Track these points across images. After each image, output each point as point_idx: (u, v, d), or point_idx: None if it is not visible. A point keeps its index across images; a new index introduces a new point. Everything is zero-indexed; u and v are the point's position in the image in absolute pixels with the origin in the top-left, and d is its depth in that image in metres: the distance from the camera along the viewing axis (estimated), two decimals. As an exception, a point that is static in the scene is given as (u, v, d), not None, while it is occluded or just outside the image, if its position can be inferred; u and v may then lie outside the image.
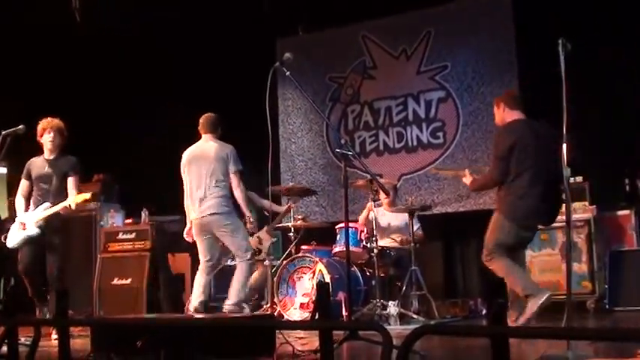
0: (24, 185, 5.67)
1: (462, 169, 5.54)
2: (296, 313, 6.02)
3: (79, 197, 5.48)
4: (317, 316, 3.37)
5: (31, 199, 5.62)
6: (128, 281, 6.85)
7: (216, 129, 5.85)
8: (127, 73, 8.07)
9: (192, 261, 7.52)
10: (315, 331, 3.93)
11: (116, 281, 6.89)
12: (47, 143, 5.60)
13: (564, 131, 3.63)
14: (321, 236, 6.73)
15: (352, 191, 6.73)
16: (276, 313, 5.99)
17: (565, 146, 3.64)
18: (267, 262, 6.75)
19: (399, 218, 6.67)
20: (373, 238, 6.06)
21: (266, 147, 5.30)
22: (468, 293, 7.02)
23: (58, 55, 7.82)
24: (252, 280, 6.40)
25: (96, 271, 7.02)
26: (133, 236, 7.01)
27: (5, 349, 3.54)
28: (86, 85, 8.12)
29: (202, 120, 5.86)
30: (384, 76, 8.11)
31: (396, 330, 4.96)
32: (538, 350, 3.66)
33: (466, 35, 7.62)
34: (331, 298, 4.63)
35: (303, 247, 6.51)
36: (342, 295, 5.70)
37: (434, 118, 7.82)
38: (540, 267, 6.36)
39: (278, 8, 7.65)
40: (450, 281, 7.60)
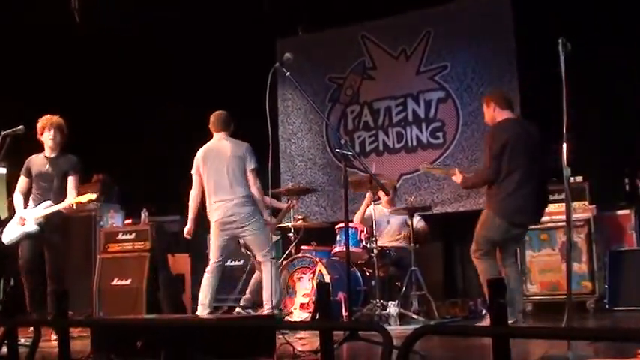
0: (23, 182, 5.61)
1: (451, 168, 5.53)
2: (296, 314, 6.01)
3: (84, 197, 5.42)
4: (317, 317, 3.37)
5: (31, 196, 5.56)
6: (128, 282, 6.84)
7: (228, 126, 5.69)
8: (127, 73, 8.07)
9: (192, 261, 7.52)
10: (316, 331, 3.94)
11: (116, 282, 6.89)
12: (48, 141, 5.54)
13: (564, 131, 3.63)
14: (321, 236, 6.73)
15: (352, 191, 6.73)
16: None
17: (565, 146, 3.64)
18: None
19: (399, 217, 6.67)
20: (373, 238, 6.07)
21: (266, 147, 5.30)
22: (468, 293, 7.01)
23: (57, 55, 7.81)
24: (255, 280, 6.40)
25: (96, 271, 7.01)
26: (133, 237, 7.00)
27: (5, 349, 3.54)
28: (86, 85, 8.11)
29: (213, 118, 5.69)
30: (384, 77, 8.10)
31: (396, 330, 4.96)
32: (538, 350, 3.66)
33: (466, 35, 7.62)
34: (331, 298, 4.62)
35: (303, 247, 6.50)
36: (341, 295, 5.70)
37: (433, 118, 7.82)
38: (540, 267, 6.36)
39: (278, 8, 7.65)
40: (450, 281, 7.60)
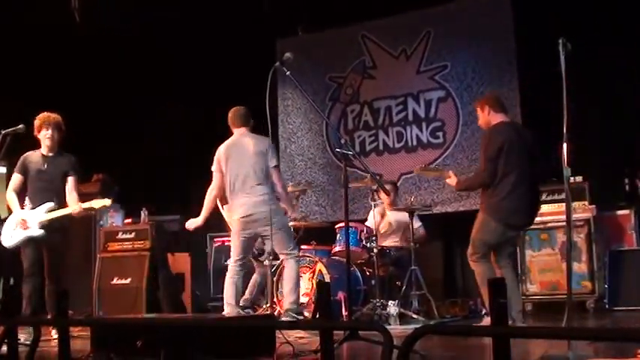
0: (17, 180, 5.45)
1: (445, 170, 5.53)
2: (296, 313, 6.01)
3: (98, 202, 5.34)
4: (317, 316, 3.37)
5: (27, 195, 5.43)
6: (128, 281, 6.84)
7: (248, 121, 5.56)
8: (127, 73, 8.06)
9: (192, 260, 7.53)
10: (315, 331, 3.94)
11: (116, 281, 6.89)
12: (45, 140, 5.43)
13: (564, 131, 3.63)
14: (320, 236, 6.73)
15: (352, 191, 6.73)
16: (275, 313, 5.98)
17: (565, 146, 3.64)
18: (266, 262, 6.74)
19: (399, 217, 6.67)
20: (373, 238, 6.07)
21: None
22: (468, 293, 7.00)
23: (58, 54, 7.80)
24: (255, 280, 6.38)
25: (95, 270, 7.01)
26: (133, 236, 7.00)
27: (5, 348, 3.54)
28: (86, 84, 8.10)
29: (232, 114, 5.57)
30: (384, 76, 8.10)
31: (395, 330, 4.96)
32: (539, 350, 3.66)
33: (466, 35, 7.61)
34: (331, 297, 4.62)
35: (303, 246, 6.50)
36: (341, 294, 5.70)
37: (434, 117, 7.82)
38: (540, 267, 6.36)
39: (278, 8, 7.64)
40: (450, 281, 7.60)
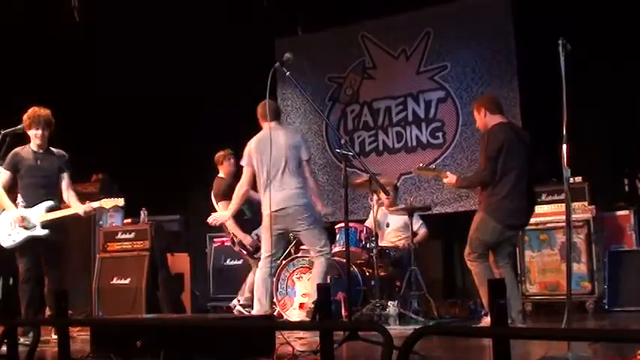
0: (5, 176, 5.32)
1: (442, 171, 5.53)
2: (295, 313, 6.01)
3: (109, 202, 5.29)
4: (317, 317, 3.36)
5: (20, 192, 5.32)
6: (127, 281, 6.83)
7: (278, 115, 5.51)
8: (126, 73, 8.06)
9: (192, 261, 7.53)
10: (315, 332, 3.93)
11: (115, 281, 6.87)
12: (35, 139, 5.32)
13: (564, 131, 3.63)
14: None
15: (352, 191, 6.72)
16: (275, 313, 5.98)
17: (565, 146, 3.64)
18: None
19: (400, 218, 6.67)
20: (373, 238, 6.06)
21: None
22: (468, 294, 7.00)
23: (58, 54, 7.80)
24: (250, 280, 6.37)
25: (95, 271, 7.00)
26: (132, 236, 6.98)
27: (5, 349, 3.53)
28: (86, 84, 8.11)
29: (261, 108, 5.45)
30: (384, 76, 8.10)
31: (395, 330, 4.96)
32: (538, 351, 3.65)
33: (466, 35, 7.61)
34: (331, 298, 4.61)
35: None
36: (341, 295, 5.69)
37: (433, 118, 7.82)
38: (540, 267, 6.36)
39: (277, 8, 7.64)
40: (450, 281, 7.60)
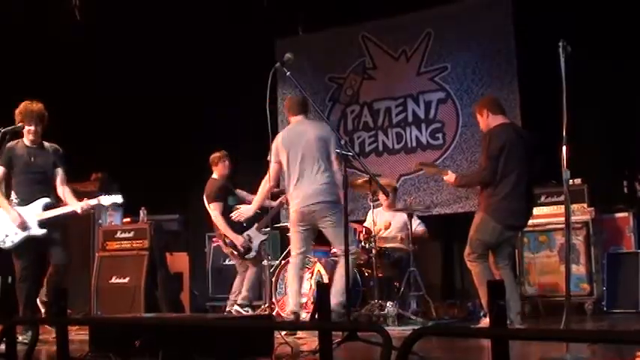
0: (0, 172, 5.25)
1: (444, 169, 5.56)
2: (294, 314, 6.00)
3: (107, 199, 5.24)
4: (316, 317, 3.36)
5: (14, 189, 5.27)
6: (126, 280, 6.83)
7: (306, 108, 5.42)
8: (126, 73, 8.06)
9: (191, 260, 7.53)
10: (314, 332, 3.93)
11: (114, 280, 6.88)
12: (29, 135, 5.27)
13: (564, 133, 3.64)
14: (319, 236, 6.70)
15: (351, 192, 6.71)
16: (274, 313, 5.98)
17: (565, 148, 3.65)
18: (265, 262, 6.74)
19: (399, 219, 6.67)
20: (372, 239, 6.06)
21: (265, 147, 5.32)
22: (467, 294, 7.00)
23: (58, 54, 7.80)
24: (247, 279, 6.35)
25: (94, 270, 7.00)
26: (132, 235, 6.98)
27: (4, 347, 3.53)
28: (85, 84, 8.11)
29: (290, 101, 5.45)
30: (384, 77, 8.09)
31: (394, 331, 4.95)
32: (537, 352, 3.66)
33: (466, 36, 7.61)
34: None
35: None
36: (340, 295, 5.68)
37: (433, 119, 7.82)
38: (539, 269, 6.36)
39: (277, 8, 7.64)
40: (449, 282, 7.59)
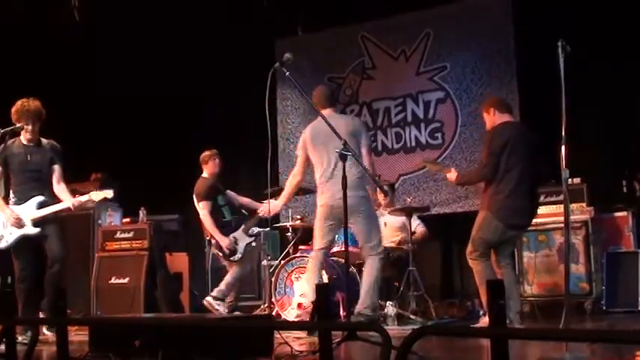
0: None
1: (447, 167, 5.57)
2: (294, 313, 6.01)
3: (98, 194, 5.19)
4: (316, 317, 3.36)
5: (12, 188, 5.24)
6: (126, 280, 6.82)
7: (334, 101, 5.32)
8: (126, 73, 8.06)
9: (190, 260, 7.52)
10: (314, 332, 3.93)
11: (114, 280, 6.87)
12: (25, 133, 5.22)
13: (563, 133, 3.64)
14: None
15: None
16: (273, 313, 5.99)
17: (564, 147, 3.65)
18: (264, 262, 6.75)
19: (397, 218, 6.67)
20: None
21: (263, 147, 5.31)
22: (466, 294, 7.01)
23: (58, 53, 7.80)
24: (232, 279, 6.31)
25: (93, 270, 6.99)
26: (131, 235, 6.97)
27: (3, 347, 3.53)
28: (85, 84, 8.11)
29: (318, 94, 5.30)
30: (383, 77, 8.10)
31: (393, 330, 4.96)
32: (536, 352, 3.66)
33: (465, 36, 7.62)
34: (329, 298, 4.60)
35: (301, 247, 6.50)
36: (339, 295, 5.70)
37: (432, 118, 7.82)
38: (538, 268, 6.35)
39: (277, 8, 7.64)
40: (448, 282, 7.60)
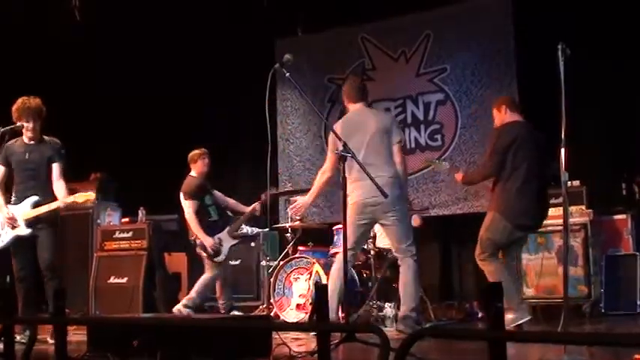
0: (0, 172, 5.23)
1: (456, 167, 5.58)
2: (292, 314, 6.01)
3: (80, 196, 5.15)
4: (314, 318, 3.37)
5: (13, 188, 5.24)
6: (124, 280, 6.82)
7: (366, 95, 5.16)
8: (126, 73, 8.06)
9: (189, 260, 7.52)
10: (312, 333, 3.93)
11: (112, 280, 6.87)
12: (26, 131, 5.19)
13: (562, 135, 3.64)
14: (318, 237, 6.73)
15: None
16: (272, 314, 5.99)
17: (563, 150, 3.65)
18: (263, 263, 6.76)
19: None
20: (370, 240, 6.06)
21: (263, 147, 5.31)
22: (465, 296, 7.02)
23: (57, 54, 7.80)
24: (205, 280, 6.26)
25: (92, 269, 7.00)
26: (130, 235, 6.98)
27: (2, 346, 3.53)
28: (85, 84, 8.11)
29: (348, 87, 5.18)
30: (383, 78, 8.09)
31: (392, 332, 4.96)
32: (535, 354, 3.66)
33: (465, 38, 7.62)
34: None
35: (300, 247, 6.50)
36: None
37: (432, 120, 7.82)
38: (537, 271, 6.35)
39: (277, 8, 7.65)
40: (447, 283, 7.60)
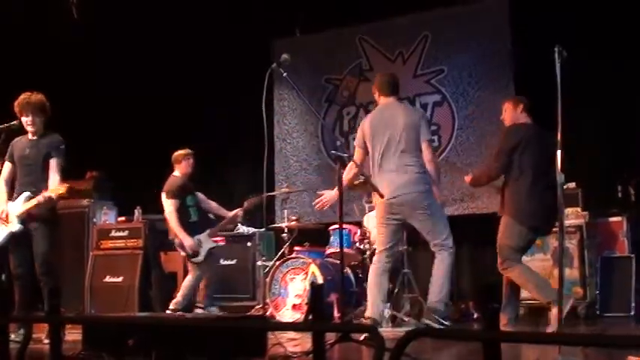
0: (6, 169, 5.22)
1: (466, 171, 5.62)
2: (288, 314, 6.02)
3: (52, 191, 5.01)
4: (310, 318, 3.37)
5: (15, 184, 5.24)
6: (120, 279, 6.81)
7: (396, 90, 5.04)
8: (126, 73, 8.05)
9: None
10: (307, 333, 3.94)
11: (108, 279, 6.86)
12: (27, 127, 5.21)
13: (558, 137, 3.65)
14: (314, 237, 6.73)
15: (346, 193, 6.72)
16: (268, 314, 5.99)
17: (559, 152, 3.66)
18: (259, 263, 6.77)
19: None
20: (366, 240, 6.07)
21: (259, 147, 5.31)
22: (460, 296, 7.01)
23: (57, 54, 7.79)
24: (188, 283, 6.30)
25: (87, 268, 6.98)
26: (126, 234, 6.96)
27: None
28: (85, 84, 8.10)
29: (379, 81, 5.06)
30: (381, 79, 8.10)
31: (387, 332, 4.96)
32: (529, 355, 3.67)
33: (463, 39, 7.63)
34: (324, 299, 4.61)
35: (296, 247, 6.51)
36: (334, 296, 5.70)
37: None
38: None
39: (276, 9, 7.65)
40: (442, 284, 7.59)
